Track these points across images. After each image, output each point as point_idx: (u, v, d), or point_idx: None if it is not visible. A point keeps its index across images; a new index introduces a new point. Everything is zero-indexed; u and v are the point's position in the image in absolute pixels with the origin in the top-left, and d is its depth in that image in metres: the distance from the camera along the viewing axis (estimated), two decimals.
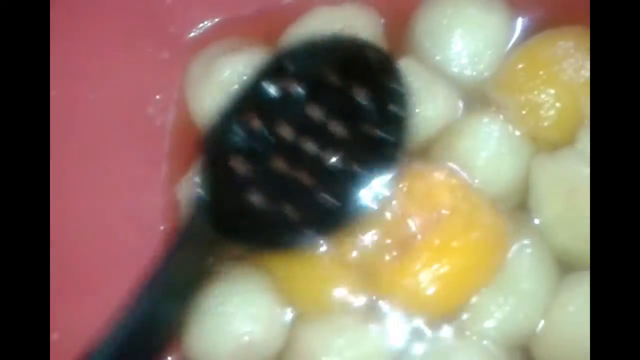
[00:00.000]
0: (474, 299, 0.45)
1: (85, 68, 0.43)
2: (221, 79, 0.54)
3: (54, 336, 0.38)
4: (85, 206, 0.50)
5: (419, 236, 0.45)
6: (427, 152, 0.51)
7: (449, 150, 0.50)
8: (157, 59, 0.56)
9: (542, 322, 0.45)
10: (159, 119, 0.56)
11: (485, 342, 0.44)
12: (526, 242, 0.46)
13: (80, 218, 0.50)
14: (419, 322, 0.46)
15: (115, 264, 0.50)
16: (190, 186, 0.50)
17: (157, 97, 0.56)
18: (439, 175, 0.46)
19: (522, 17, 0.53)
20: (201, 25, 0.58)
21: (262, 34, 0.56)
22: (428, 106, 0.51)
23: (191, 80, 0.56)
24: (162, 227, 0.54)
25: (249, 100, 0.48)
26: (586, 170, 0.46)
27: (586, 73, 0.49)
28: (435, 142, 0.51)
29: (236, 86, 0.53)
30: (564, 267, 0.47)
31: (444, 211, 0.45)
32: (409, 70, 0.51)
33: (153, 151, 0.55)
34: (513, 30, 0.53)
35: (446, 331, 0.45)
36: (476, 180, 0.48)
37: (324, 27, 0.53)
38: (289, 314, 0.47)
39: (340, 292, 0.46)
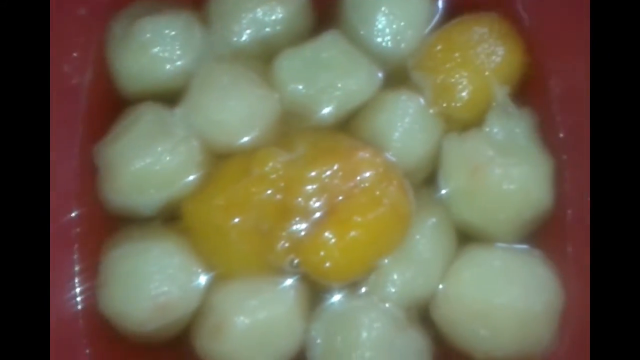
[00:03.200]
0: (379, 266, 0.48)
1: None
2: (143, 40, 0.52)
3: None
4: None
5: (332, 209, 0.46)
6: (346, 125, 0.53)
7: (367, 123, 0.52)
8: (75, 15, 0.53)
9: (440, 287, 0.48)
10: (76, 78, 0.54)
11: (387, 304, 0.47)
12: (429, 215, 0.49)
13: None
14: (328, 286, 0.48)
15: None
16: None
17: (74, 54, 0.54)
18: (364, 154, 0.48)
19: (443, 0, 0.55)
20: None
21: None
22: (351, 80, 0.52)
23: (111, 40, 0.54)
24: (77, 190, 0.52)
25: None
26: (490, 152, 0.49)
27: (497, 58, 0.52)
28: (354, 115, 0.53)
29: (158, 48, 0.52)
30: (463, 238, 0.51)
31: (360, 186, 0.47)
32: (334, 42, 0.53)
33: (69, 111, 0.53)
34: (434, 12, 0.55)
35: (353, 295, 0.48)
36: (389, 153, 0.50)
37: None
38: (205, 276, 0.48)
39: (257, 256, 0.48)
